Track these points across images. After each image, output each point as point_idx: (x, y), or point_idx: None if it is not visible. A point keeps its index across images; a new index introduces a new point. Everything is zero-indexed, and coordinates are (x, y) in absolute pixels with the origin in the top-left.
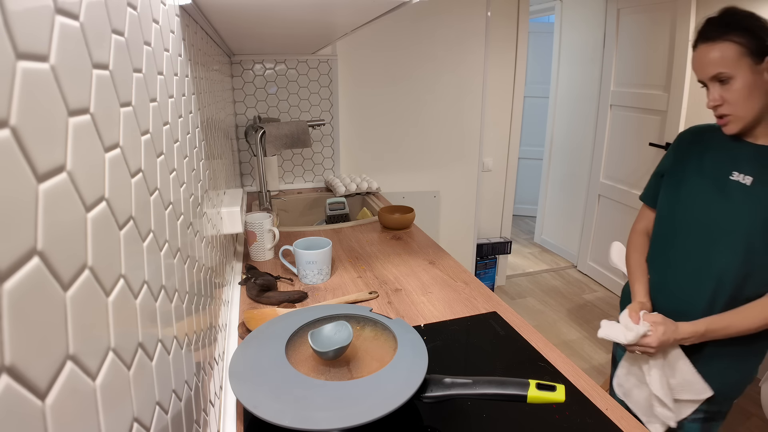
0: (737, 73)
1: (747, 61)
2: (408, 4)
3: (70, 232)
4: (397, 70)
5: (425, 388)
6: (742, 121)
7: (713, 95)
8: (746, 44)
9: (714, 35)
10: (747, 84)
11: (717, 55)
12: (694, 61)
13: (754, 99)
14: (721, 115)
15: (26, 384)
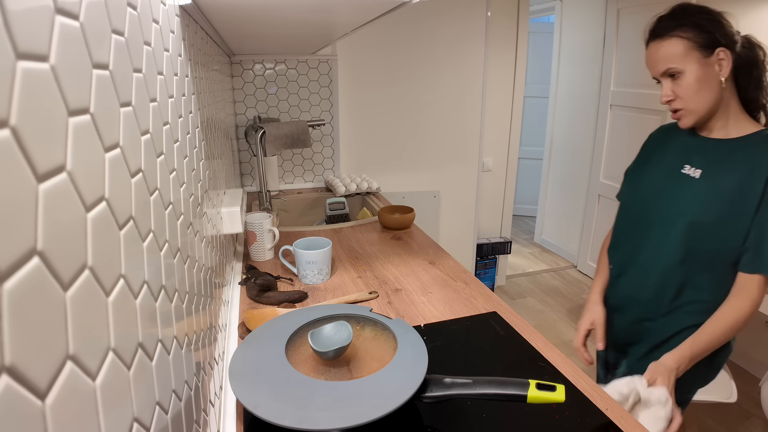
0: (686, 68)
1: (695, 55)
2: (408, 4)
3: (70, 232)
4: (398, 70)
5: (425, 388)
6: (695, 114)
7: (665, 90)
8: (694, 39)
9: (662, 32)
10: (697, 78)
11: (666, 51)
12: (646, 59)
13: (704, 92)
14: (675, 110)
15: (26, 384)
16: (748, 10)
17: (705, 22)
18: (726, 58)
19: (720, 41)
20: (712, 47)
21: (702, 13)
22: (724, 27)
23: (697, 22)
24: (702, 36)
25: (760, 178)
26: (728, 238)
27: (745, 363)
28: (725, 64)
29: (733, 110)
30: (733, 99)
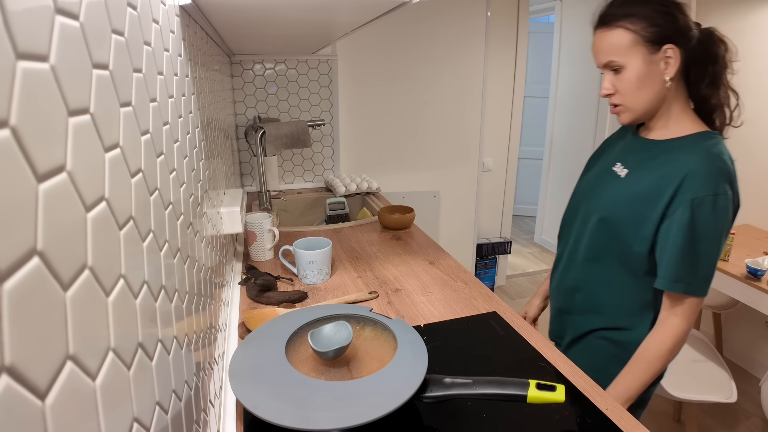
0: (629, 63)
1: (640, 50)
2: (408, 4)
3: (70, 232)
4: (398, 70)
5: (425, 388)
6: (633, 111)
7: (605, 83)
8: (640, 32)
9: (609, 20)
10: (638, 74)
11: (609, 42)
12: (592, 46)
13: (644, 90)
14: (614, 104)
15: (26, 384)
16: (749, 11)
17: (656, 14)
18: (674, 57)
19: (670, 37)
20: (660, 43)
21: (656, 2)
22: (678, 21)
23: (647, 13)
24: (650, 30)
25: (672, 183)
26: (633, 241)
27: (745, 363)
28: (672, 62)
29: (676, 110)
30: (678, 98)
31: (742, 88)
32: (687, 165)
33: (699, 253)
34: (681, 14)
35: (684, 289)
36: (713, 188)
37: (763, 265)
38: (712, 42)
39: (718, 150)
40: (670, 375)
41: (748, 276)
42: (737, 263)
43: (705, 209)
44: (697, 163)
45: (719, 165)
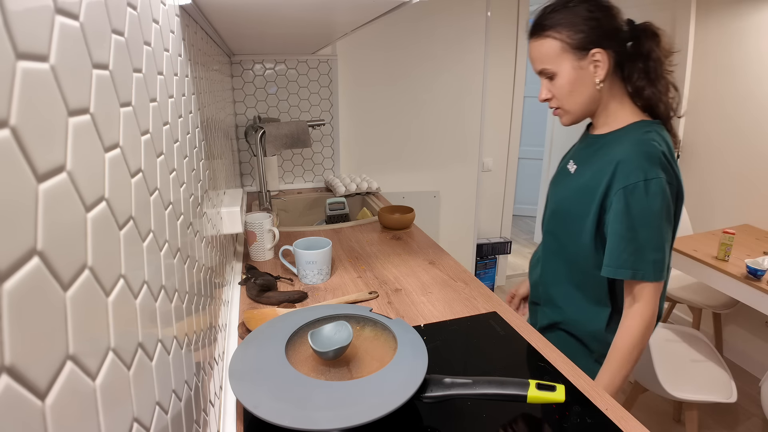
0: (559, 69)
1: (569, 57)
2: (408, 4)
3: (70, 232)
4: (397, 70)
5: (425, 388)
6: (571, 114)
7: (542, 90)
8: (567, 39)
9: (538, 30)
10: (569, 80)
11: (540, 51)
12: (528, 55)
13: (577, 94)
14: (554, 108)
15: (26, 384)
16: (749, 11)
17: (581, 22)
18: (602, 60)
19: (596, 41)
20: (587, 48)
21: (584, 8)
22: (604, 24)
23: (572, 21)
24: (575, 37)
25: (606, 175)
26: (580, 234)
27: (745, 363)
28: (601, 65)
29: (614, 106)
30: (615, 95)
31: (742, 89)
32: (618, 155)
33: (641, 238)
34: (608, 17)
35: (631, 275)
36: (643, 174)
37: (763, 265)
38: (645, 37)
39: (649, 137)
40: (671, 375)
41: (748, 276)
42: (737, 263)
43: (638, 195)
44: (627, 152)
45: (648, 150)
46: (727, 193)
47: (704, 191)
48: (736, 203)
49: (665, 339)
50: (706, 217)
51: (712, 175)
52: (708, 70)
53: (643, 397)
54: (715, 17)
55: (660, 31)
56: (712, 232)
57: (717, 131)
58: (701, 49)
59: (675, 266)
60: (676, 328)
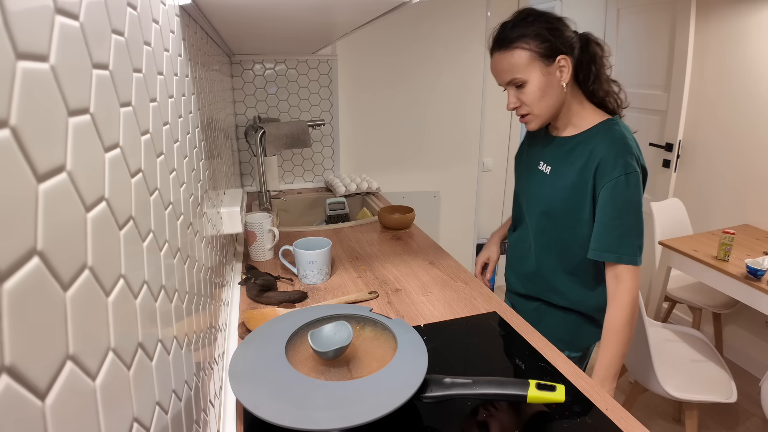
0: (529, 77)
1: (538, 65)
2: (408, 4)
3: (70, 232)
4: (397, 70)
5: (425, 388)
6: (540, 118)
7: (511, 99)
8: (535, 49)
9: (506, 43)
10: (540, 86)
11: (509, 62)
12: (491, 67)
13: (547, 98)
14: (522, 115)
15: (26, 384)
16: (749, 11)
17: (545, 32)
18: (566, 65)
19: (560, 49)
20: (553, 56)
21: (543, 21)
22: (564, 34)
23: (537, 32)
24: (543, 45)
25: (591, 172)
26: (575, 226)
27: (745, 363)
28: (566, 70)
29: (576, 108)
30: (575, 97)
31: (741, 89)
32: (598, 154)
33: (624, 226)
34: (565, 27)
35: (616, 258)
36: (624, 169)
37: (763, 265)
38: (589, 45)
39: (621, 134)
40: (671, 375)
41: (748, 276)
42: (737, 263)
43: (620, 188)
44: (606, 151)
45: (623, 148)
46: (727, 193)
47: (704, 191)
48: (735, 203)
49: (665, 339)
50: (706, 217)
51: (712, 175)
52: (708, 70)
53: (643, 397)
54: (715, 17)
55: (599, 39)
56: (712, 232)
57: (717, 131)
58: (701, 49)
59: (675, 266)
60: (676, 328)
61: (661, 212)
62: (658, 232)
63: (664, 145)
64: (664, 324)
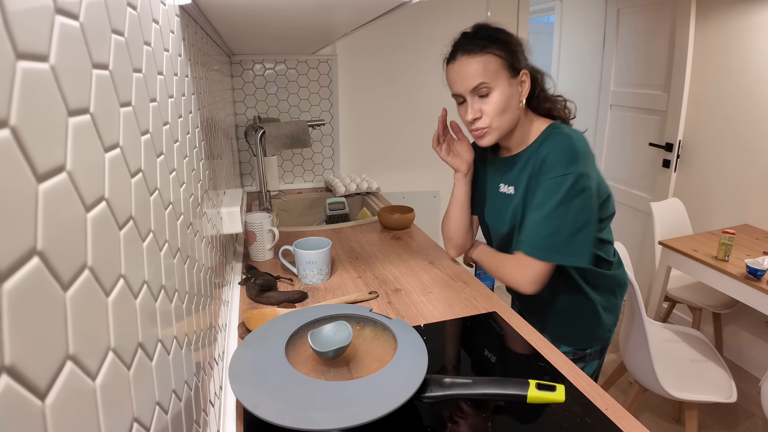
0: (497, 85)
1: (505, 74)
2: (408, 4)
3: (70, 232)
4: (397, 70)
5: (425, 388)
6: (497, 132)
7: (474, 107)
8: (505, 57)
9: (476, 48)
10: (505, 96)
11: (480, 66)
12: (451, 74)
13: (508, 112)
14: (478, 128)
15: (26, 384)
16: (749, 11)
17: (511, 44)
18: (527, 80)
19: (522, 63)
20: (518, 69)
21: (506, 32)
22: (523, 50)
23: (506, 40)
24: (510, 56)
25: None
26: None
27: (745, 363)
28: (525, 86)
29: (526, 124)
30: (526, 114)
31: (741, 89)
32: (542, 155)
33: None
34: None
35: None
36: (563, 169)
37: (763, 265)
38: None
39: (565, 135)
40: (671, 375)
41: (748, 276)
42: (737, 263)
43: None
44: (548, 151)
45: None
46: (727, 193)
47: (704, 191)
48: (735, 203)
49: (665, 339)
50: (706, 217)
51: (712, 175)
52: (708, 70)
53: (643, 397)
54: (715, 17)
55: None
56: (712, 232)
57: (717, 131)
58: (701, 49)
59: (675, 266)
60: (676, 328)
61: (661, 212)
62: (658, 232)
63: (664, 145)
64: (664, 324)
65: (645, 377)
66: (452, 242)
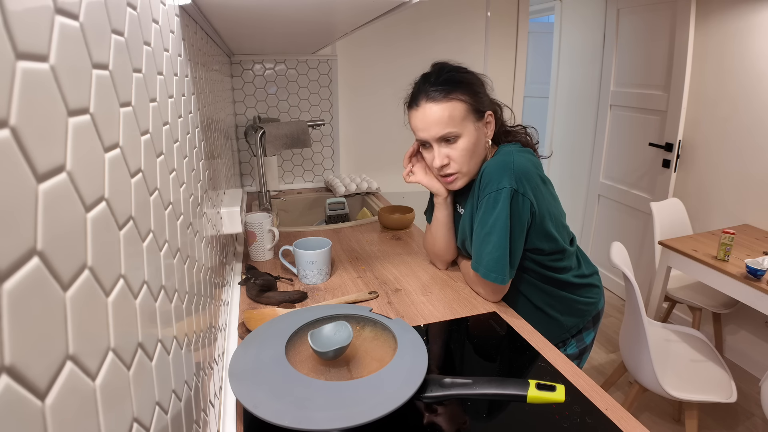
0: (464, 132)
1: (471, 119)
2: (408, 4)
3: (69, 232)
4: (397, 70)
5: (425, 388)
6: (467, 176)
7: (441, 155)
8: (469, 101)
9: (439, 95)
10: (472, 141)
11: (445, 114)
12: (415, 121)
13: (476, 155)
14: (447, 174)
15: (26, 384)
16: (749, 11)
17: (475, 87)
18: (492, 121)
19: (486, 104)
20: (483, 111)
21: (471, 75)
22: (486, 91)
23: (469, 82)
24: (475, 99)
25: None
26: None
27: (745, 363)
28: (491, 126)
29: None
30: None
31: (741, 89)
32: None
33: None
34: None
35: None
36: (496, 184)
37: (763, 265)
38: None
39: (506, 152)
40: (671, 375)
41: (748, 276)
42: (737, 263)
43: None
44: (485, 167)
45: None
46: (727, 193)
47: (704, 191)
48: (735, 203)
49: (665, 339)
50: (706, 217)
51: (712, 175)
52: (708, 70)
53: (643, 397)
54: (715, 17)
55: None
56: (712, 232)
57: (717, 131)
58: (701, 49)
59: (675, 266)
60: (676, 328)
61: (660, 212)
62: (657, 232)
63: (664, 145)
64: (664, 324)
65: (645, 377)
66: (441, 258)
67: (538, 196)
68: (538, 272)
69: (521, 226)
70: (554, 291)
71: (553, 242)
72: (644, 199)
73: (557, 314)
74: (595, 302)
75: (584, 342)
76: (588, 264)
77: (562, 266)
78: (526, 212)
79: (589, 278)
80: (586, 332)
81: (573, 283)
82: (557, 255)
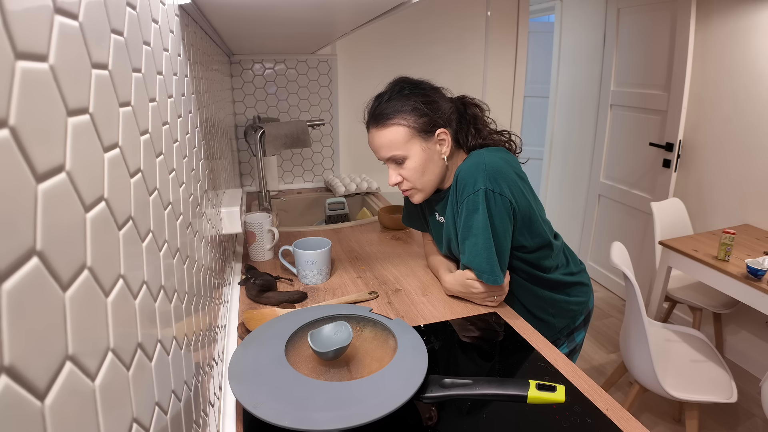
0: (409, 153)
1: (417, 140)
2: (408, 4)
3: (69, 232)
4: (397, 70)
5: (425, 389)
6: (424, 191)
7: (392, 175)
8: (413, 125)
9: (383, 119)
10: (420, 161)
11: (387, 138)
12: (369, 142)
13: (429, 173)
14: (404, 190)
15: (25, 384)
16: (749, 11)
17: (422, 106)
18: (446, 138)
19: (438, 122)
20: (432, 130)
21: (419, 94)
22: (441, 106)
23: (415, 106)
24: (420, 120)
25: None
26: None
27: (745, 363)
28: (445, 143)
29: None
30: (455, 159)
31: (742, 89)
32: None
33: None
34: (441, 98)
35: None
36: (472, 187)
37: (763, 265)
38: (467, 108)
39: (479, 156)
40: (671, 375)
41: (748, 276)
42: (737, 263)
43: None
44: (458, 172)
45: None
46: (727, 193)
47: (704, 191)
48: (736, 203)
49: (665, 339)
50: (706, 217)
51: (712, 175)
52: (708, 70)
53: (643, 397)
54: (715, 17)
55: (476, 100)
56: (712, 232)
57: (717, 131)
58: (701, 49)
59: (675, 266)
60: (676, 328)
61: (661, 212)
62: (658, 232)
63: (664, 145)
64: (664, 324)
65: (645, 377)
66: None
67: (517, 193)
68: (527, 272)
69: (503, 225)
70: (544, 293)
71: (538, 237)
72: (645, 199)
73: (548, 317)
74: (585, 301)
75: (575, 342)
76: (575, 261)
77: (550, 265)
78: (506, 210)
79: (577, 275)
80: (577, 332)
81: (562, 282)
82: (544, 251)
